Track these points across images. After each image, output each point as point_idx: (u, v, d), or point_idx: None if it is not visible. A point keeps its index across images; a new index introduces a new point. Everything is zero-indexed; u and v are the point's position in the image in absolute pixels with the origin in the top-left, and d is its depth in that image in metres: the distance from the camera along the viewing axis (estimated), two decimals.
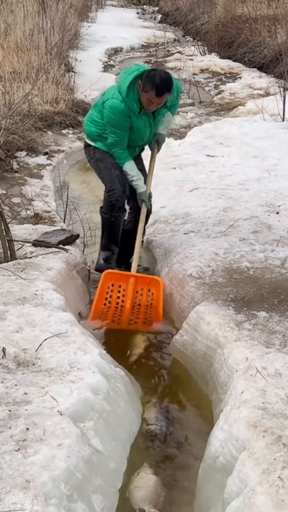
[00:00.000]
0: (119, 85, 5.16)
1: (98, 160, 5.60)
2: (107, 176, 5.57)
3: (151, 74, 4.99)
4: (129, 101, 5.09)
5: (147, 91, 4.97)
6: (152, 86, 4.94)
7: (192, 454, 3.84)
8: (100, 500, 3.04)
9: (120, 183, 5.49)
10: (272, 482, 2.80)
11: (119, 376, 3.98)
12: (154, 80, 4.94)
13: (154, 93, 4.97)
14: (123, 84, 5.10)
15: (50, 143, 9.76)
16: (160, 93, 4.98)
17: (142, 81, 4.99)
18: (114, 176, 5.50)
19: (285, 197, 7.07)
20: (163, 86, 4.97)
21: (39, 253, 5.35)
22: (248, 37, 18.25)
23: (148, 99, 5.04)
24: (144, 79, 4.99)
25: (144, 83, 4.97)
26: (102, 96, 5.39)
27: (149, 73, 5.02)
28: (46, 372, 3.62)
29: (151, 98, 5.02)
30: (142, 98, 5.07)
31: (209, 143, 9.43)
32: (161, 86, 4.96)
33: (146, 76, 4.99)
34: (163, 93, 5.00)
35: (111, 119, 5.18)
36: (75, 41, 18.53)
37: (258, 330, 4.26)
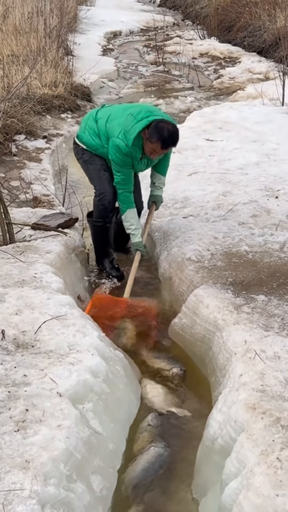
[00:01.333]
0: (127, 129, 5.10)
1: (86, 162, 5.58)
2: (97, 179, 5.56)
3: (159, 126, 4.99)
4: (133, 149, 5.13)
5: (153, 142, 5.02)
6: (158, 139, 4.98)
7: (191, 436, 3.86)
8: (99, 480, 3.06)
9: (110, 186, 5.46)
10: (271, 463, 2.82)
11: (118, 359, 3.99)
12: (162, 133, 4.97)
13: (159, 146, 5.03)
14: (131, 131, 5.07)
15: (49, 127, 9.73)
16: (165, 146, 5.07)
17: (149, 131, 5.01)
18: (104, 179, 5.49)
19: (284, 181, 7.06)
20: (169, 140, 5.04)
21: (38, 236, 5.34)
22: (248, 21, 18.15)
23: (152, 149, 5.11)
24: (151, 130, 5.00)
25: (151, 134, 5.00)
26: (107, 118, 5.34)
27: (158, 124, 5.01)
28: (45, 354, 3.62)
29: (156, 149, 5.09)
30: (146, 147, 5.13)
31: (209, 127, 9.39)
32: (168, 141, 5.03)
33: (155, 127, 5.00)
34: (168, 146, 5.11)
35: (116, 158, 5.20)
36: (74, 24, 18.43)
37: (257, 313, 4.27)
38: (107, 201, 5.50)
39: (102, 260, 5.79)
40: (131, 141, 5.07)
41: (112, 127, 5.24)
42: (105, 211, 5.54)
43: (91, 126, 5.43)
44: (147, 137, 5.04)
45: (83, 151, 5.54)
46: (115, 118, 5.28)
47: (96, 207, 5.60)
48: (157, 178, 5.70)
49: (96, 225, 5.67)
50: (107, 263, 5.75)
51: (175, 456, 3.74)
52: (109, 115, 5.33)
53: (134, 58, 17.60)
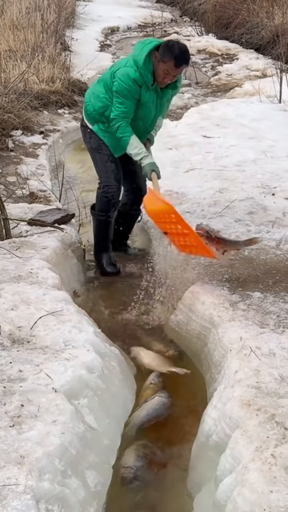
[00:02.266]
0: (135, 55, 5.00)
1: (94, 149, 5.48)
2: (103, 170, 5.47)
3: (170, 45, 4.91)
4: (144, 71, 4.96)
5: (165, 61, 4.87)
6: (171, 57, 4.84)
7: (186, 432, 3.87)
8: (94, 476, 3.06)
9: (115, 179, 5.42)
10: (265, 459, 2.82)
11: (114, 355, 4.00)
12: (174, 50, 4.85)
13: (173, 63, 4.87)
14: (140, 53, 4.96)
15: (45, 123, 9.72)
16: (179, 64, 4.90)
17: (160, 51, 4.89)
18: (110, 171, 5.42)
19: (281, 178, 7.07)
20: (182, 57, 4.89)
21: (35, 232, 5.34)
22: (246, 18, 18.15)
23: (165, 70, 4.93)
24: (162, 49, 4.89)
25: (163, 53, 4.87)
26: (110, 68, 5.25)
27: (168, 43, 4.94)
28: (41, 349, 3.63)
29: (169, 68, 4.91)
30: (158, 69, 4.96)
31: (206, 124, 9.40)
32: (180, 57, 4.87)
33: (165, 46, 4.90)
34: (181, 64, 4.92)
35: (122, 87, 5.01)
36: (71, 19, 18.42)
37: (252, 310, 4.28)
38: (111, 194, 5.44)
39: (101, 254, 5.75)
40: (141, 62, 4.93)
41: (117, 64, 5.19)
42: (108, 204, 5.48)
43: (95, 90, 5.33)
44: (158, 59, 4.91)
45: (90, 135, 5.43)
46: (118, 63, 5.23)
47: (100, 199, 5.55)
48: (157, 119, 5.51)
49: (99, 218, 5.63)
50: (105, 257, 5.72)
51: (170, 451, 3.75)
52: (112, 68, 5.24)
53: None
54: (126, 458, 3.63)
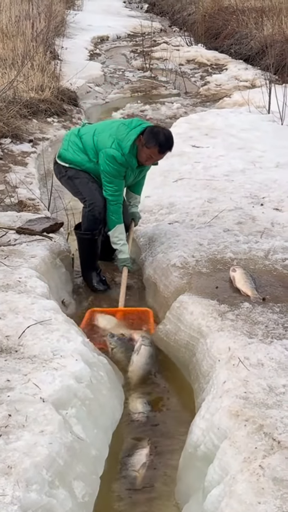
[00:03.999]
0: (120, 138, 5.09)
1: (71, 177, 5.45)
2: (85, 191, 5.41)
3: (155, 131, 5.04)
4: (130, 157, 5.10)
5: (149, 147, 5.03)
6: (155, 144, 5.00)
7: (174, 443, 3.86)
8: (81, 486, 3.05)
9: (100, 195, 5.34)
10: (253, 470, 2.82)
11: (102, 364, 3.99)
12: (158, 137, 5.00)
13: (157, 150, 5.04)
14: (126, 139, 5.07)
15: (35, 131, 9.72)
16: (163, 151, 5.07)
17: (145, 136, 5.02)
18: (94, 189, 5.36)
19: (269, 188, 7.09)
20: (166, 144, 5.05)
21: (23, 240, 5.33)
22: (235, 29, 18.23)
23: (148, 155, 5.10)
24: (147, 135, 5.02)
25: (148, 139, 5.01)
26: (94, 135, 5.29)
27: (153, 130, 5.07)
28: (29, 359, 3.62)
29: (153, 154, 5.09)
30: (142, 153, 5.10)
31: (195, 134, 9.43)
32: (165, 144, 5.03)
33: (150, 132, 5.03)
34: (165, 151, 5.09)
35: (110, 169, 5.15)
36: (61, 28, 18.43)
37: (241, 320, 4.28)
38: (98, 211, 5.35)
39: (89, 273, 5.67)
40: (127, 149, 5.05)
41: (102, 139, 5.20)
42: (95, 222, 5.39)
43: (75, 142, 5.37)
44: (142, 143, 5.04)
45: (66, 169, 5.43)
46: (103, 130, 5.26)
47: (86, 218, 5.46)
48: (133, 198, 5.81)
49: (84, 237, 5.53)
50: (94, 276, 5.64)
51: (158, 462, 3.74)
52: (95, 130, 5.31)
53: (121, 63, 17.62)
54: (135, 406, 4.15)
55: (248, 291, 4.67)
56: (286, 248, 5.50)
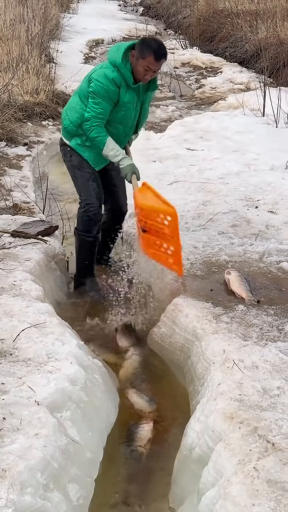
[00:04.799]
0: (111, 57, 4.95)
1: (75, 167, 5.36)
2: (83, 188, 5.35)
3: (147, 41, 4.91)
4: (123, 70, 4.90)
5: (144, 57, 4.82)
6: (150, 52, 4.80)
7: (169, 445, 3.87)
8: (76, 489, 3.05)
9: (97, 197, 5.29)
10: (247, 472, 2.83)
11: (97, 367, 3.99)
12: (152, 45, 4.83)
13: (153, 57, 4.82)
14: (117, 53, 4.91)
15: (29, 134, 9.72)
16: (159, 57, 4.85)
17: (138, 48, 4.86)
18: (91, 190, 5.28)
19: (264, 191, 7.10)
20: (161, 51, 4.87)
21: (18, 243, 5.32)
22: (230, 32, 18.26)
23: (145, 66, 4.86)
24: (139, 46, 4.86)
25: (141, 49, 4.83)
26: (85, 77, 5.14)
27: (144, 40, 4.94)
28: (23, 362, 3.61)
29: (149, 64, 4.85)
30: (138, 67, 4.88)
31: (190, 136, 9.43)
32: (159, 51, 4.84)
33: (142, 43, 4.88)
34: (160, 57, 4.87)
35: (99, 87, 4.90)
36: (56, 32, 18.44)
37: (235, 323, 4.29)
38: (93, 212, 5.29)
39: (84, 278, 5.60)
40: (119, 60, 4.86)
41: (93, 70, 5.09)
42: (89, 222, 5.33)
43: (71, 102, 5.26)
44: (137, 56, 4.86)
45: (71, 153, 5.32)
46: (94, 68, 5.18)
47: (81, 219, 5.40)
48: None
49: (83, 238, 5.45)
50: (88, 282, 5.57)
51: (153, 465, 3.74)
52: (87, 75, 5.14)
53: None
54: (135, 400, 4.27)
55: (243, 293, 4.68)
56: (280, 251, 5.51)
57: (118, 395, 4.22)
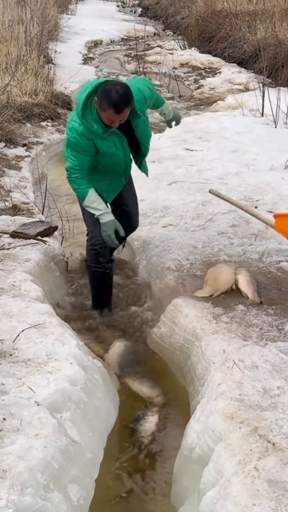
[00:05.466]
0: (77, 105, 4.55)
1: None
2: (89, 220, 5.03)
3: (106, 90, 4.35)
4: (87, 122, 4.49)
5: (105, 110, 4.35)
6: (109, 104, 4.31)
7: (169, 445, 3.86)
8: (76, 490, 3.05)
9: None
10: (248, 472, 2.82)
11: (97, 368, 3.98)
12: (111, 97, 4.31)
13: (113, 111, 4.35)
14: (78, 104, 4.52)
15: (28, 135, 9.72)
16: (119, 110, 4.35)
17: (98, 98, 4.37)
18: (97, 223, 4.88)
19: (263, 191, 7.10)
20: (121, 102, 4.34)
21: (17, 244, 5.32)
22: (228, 32, 18.27)
23: (108, 118, 4.42)
24: (100, 97, 4.36)
25: (101, 101, 4.35)
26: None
27: (104, 88, 4.36)
28: (23, 363, 3.61)
29: (111, 116, 4.39)
30: (102, 117, 4.44)
31: (189, 137, 9.43)
32: (119, 103, 4.33)
33: (102, 92, 4.35)
34: (122, 109, 4.36)
35: (70, 142, 4.58)
36: (54, 33, 18.47)
37: (235, 323, 4.29)
38: (99, 245, 5.03)
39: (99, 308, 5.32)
40: (80, 114, 4.47)
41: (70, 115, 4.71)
42: (96, 256, 5.09)
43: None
44: (99, 106, 4.38)
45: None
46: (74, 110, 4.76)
47: (88, 251, 5.19)
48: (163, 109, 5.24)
49: (92, 270, 5.19)
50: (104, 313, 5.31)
51: (153, 465, 3.74)
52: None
53: (114, 67, 17.63)
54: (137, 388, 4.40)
55: (249, 293, 4.68)
56: (280, 251, 5.51)
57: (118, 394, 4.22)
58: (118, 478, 3.64)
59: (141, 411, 4.19)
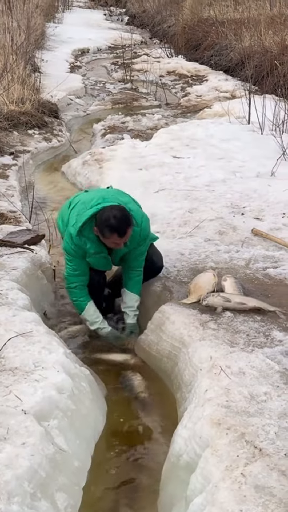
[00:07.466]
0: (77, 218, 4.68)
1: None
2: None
3: (104, 218, 4.49)
4: (81, 240, 4.67)
5: (108, 237, 4.53)
6: (111, 231, 4.48)
7: (156, 452, 3.86)
8: (63, 498, 3.04)
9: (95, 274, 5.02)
10: (235, 478, 2.83)
11: (84, 375, 3.99)
12: (111, 224, 4.46)
13: (116, 236, 4.50)
14: (79, 219, 4.65)
15: (15, 143, 9.71)
16: (122, 234, 4.51)
17: (98, 228, 4.54)
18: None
19: (250, 198, 7.12)
20: (122, 226, 4.50)
21: (4, 253, 5.32)
22: (215, 40, 18.34)
23: (112, 243, 4.61)
24: (99, 225, 4.53)
25: (101, 230, 4.53)
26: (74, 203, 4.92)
27: (102, 216, 4.51)
28: (10, 371, 3.61)
29: (115, 240, 4.56)
30: (106, 243, 4.64)
31: (175, 144, 9.45)
32: (120, 228, 4.49)
33: (100, 221, 4.52)
34: (125, 232, 4.52)
35: (67, 247, 4.77)
36: (41, 41, 18.48)
37: (222, 329, 4.30)
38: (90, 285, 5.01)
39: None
40: (77, 230, 4.62)
41: (71, 215, 4.83)
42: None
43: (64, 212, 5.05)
44: (101, 235, 4.57)
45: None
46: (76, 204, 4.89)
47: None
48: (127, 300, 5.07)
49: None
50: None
51: (141, 472, 3.74)
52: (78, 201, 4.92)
53: (101, 76, 17.67)
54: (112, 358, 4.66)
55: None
56: (266, 257, 5.53)
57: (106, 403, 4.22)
58: (106, 486, 3.63)
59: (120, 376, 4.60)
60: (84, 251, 4.74)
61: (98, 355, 4.81)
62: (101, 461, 3.75)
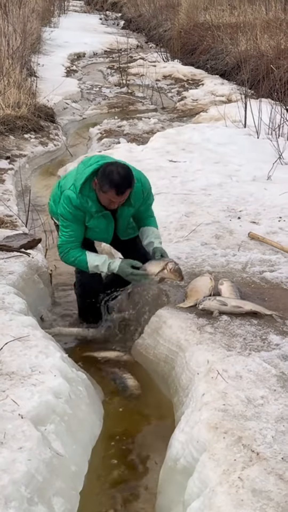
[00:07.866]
0: (77, 177, 4.56)
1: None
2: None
3: (107, 172, 4.36)
4: (83, 198, 4.51)
5: (105, 191, 4.38)
6: (110, 186, 4.33)
7: (154, 457, 3.86)
8: (60, 502, 3.03)
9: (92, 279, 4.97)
10: (232, 482, 2.83)
11: (81, 380, 3.98)
12: (112, 178, 4.32)
13: (114, 192, 4.36)
14: (79, 177, 4.52)
15: (12, 147, 9.72)
16: (121, 192, 4.38)
17: (99, 179, 4.39)
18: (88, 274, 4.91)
19: (246, 202, 7.14)
20: (123, 184, 4.37)
21: (1, 257, 5.31)
22: (211, 44, 18.38)
23: (108, 199, 4.46)
24: (100, 177, 4.38)
25: (101, 182, 4.37)
26: (63, 178, 4.90)
27: (106, 169, 4.38)
28: (7, 375, 3.60)
29: (112, 198, 4.42)
30: (101, 198, 4.48)
31: (172, 148, 9.47)
32: (121, 186, 4.36)
33: (102, 174, 4.37)
34: (124, 191, 4.40)
35: (65, 211, 4.60)
36: (37, 45, 18.49)
37: (219, 333, 4.30)
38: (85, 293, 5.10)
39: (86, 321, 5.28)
40: (79, 188, 4.48)
41: (65, 181, 4.75)
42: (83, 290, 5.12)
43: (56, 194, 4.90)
44: (99, 188, 4.42)
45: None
46: (70, 173, 4.84)
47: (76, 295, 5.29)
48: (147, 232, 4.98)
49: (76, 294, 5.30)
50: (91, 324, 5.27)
51: (138, 476, 3.73)
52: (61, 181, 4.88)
53: (97, 80, 17.69)
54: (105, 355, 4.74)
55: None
56: (263, 261, 5.54)
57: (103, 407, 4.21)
58: (103, 491, 3.63)
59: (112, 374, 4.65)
60: (83, 214, 4.60)
61: (91, 353, 4.84)
62: (98, 466, 3.74)
